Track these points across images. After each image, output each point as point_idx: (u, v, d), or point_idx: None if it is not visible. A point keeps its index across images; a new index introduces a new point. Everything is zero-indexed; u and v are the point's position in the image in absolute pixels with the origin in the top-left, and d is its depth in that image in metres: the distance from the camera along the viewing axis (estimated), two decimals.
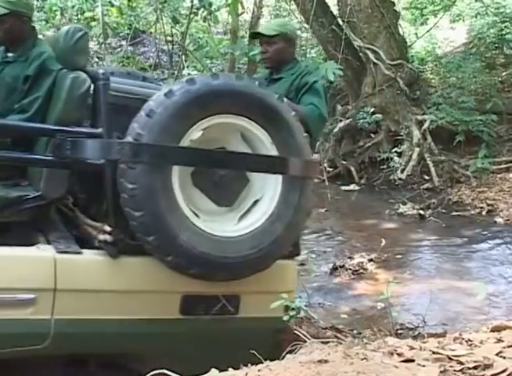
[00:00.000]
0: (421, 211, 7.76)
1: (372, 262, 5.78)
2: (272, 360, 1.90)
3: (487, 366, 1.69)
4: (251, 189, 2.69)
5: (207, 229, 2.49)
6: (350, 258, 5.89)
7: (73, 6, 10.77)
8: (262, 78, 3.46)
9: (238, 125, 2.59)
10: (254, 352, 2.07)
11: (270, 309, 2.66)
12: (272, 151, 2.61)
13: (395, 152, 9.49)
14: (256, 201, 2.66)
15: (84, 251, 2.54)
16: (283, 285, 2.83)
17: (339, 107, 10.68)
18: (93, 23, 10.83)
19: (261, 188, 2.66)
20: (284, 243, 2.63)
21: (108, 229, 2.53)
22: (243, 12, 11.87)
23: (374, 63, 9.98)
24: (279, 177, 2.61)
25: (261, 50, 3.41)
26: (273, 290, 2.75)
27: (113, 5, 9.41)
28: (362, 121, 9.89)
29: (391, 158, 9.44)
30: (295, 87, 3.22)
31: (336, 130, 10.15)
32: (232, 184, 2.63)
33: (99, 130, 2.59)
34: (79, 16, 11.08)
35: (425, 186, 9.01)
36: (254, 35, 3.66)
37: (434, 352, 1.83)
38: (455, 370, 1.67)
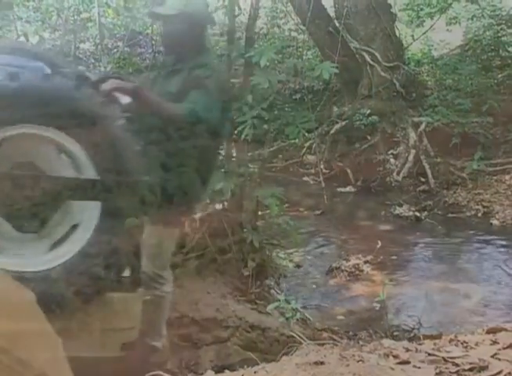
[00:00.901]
0: (417, 213, 7.77)
1: (368, 264, 5.78)
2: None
3: (482, 368, 1.69)
4: (68, 213, 2.24)
5: None
6: (346, 259, 5.89)
7: (69, 7, 10.75)
8: (165, 68, 3.00)
9: (44, 137, 2.10)
10: None
11: (102, 349, 2.35)
12: (88, 169, 2.15)
13: (391, 154, 9.50)
14: (74, 227, 2.22)
15: None
16: (120, 321, 2.41)
17: (335, 109, 10.69)
18: (90, 24, 10.81)
19: (81, 212, 2.21)
20: (100, 277, 2.19)
21: None
22: (239, 14, 11.83)
23: (370, 65, 10.00)
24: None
25: (159, 32, 2.96)
26: (107, 327, 2.35)
27: (109, 6, 9.41)
28: (358, 122, 9.90)
29: (387, 160, 9.45)
30: (190, 81, 2.73)
31: (332, 132, 10.16)
32: (40, 207, 2.17)
33: None
34: (75, 17, 11.05)
35: (421, 187, 9.01)
36: (153, 16, 3.10)
37: (429, 354, 1.83)
38: (450, 372, 1.67)
